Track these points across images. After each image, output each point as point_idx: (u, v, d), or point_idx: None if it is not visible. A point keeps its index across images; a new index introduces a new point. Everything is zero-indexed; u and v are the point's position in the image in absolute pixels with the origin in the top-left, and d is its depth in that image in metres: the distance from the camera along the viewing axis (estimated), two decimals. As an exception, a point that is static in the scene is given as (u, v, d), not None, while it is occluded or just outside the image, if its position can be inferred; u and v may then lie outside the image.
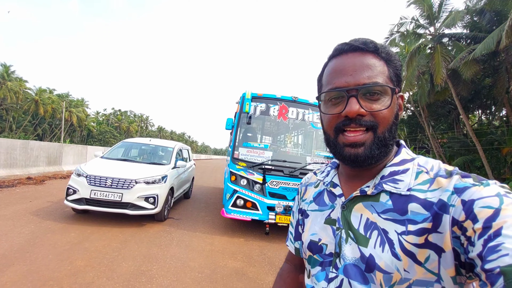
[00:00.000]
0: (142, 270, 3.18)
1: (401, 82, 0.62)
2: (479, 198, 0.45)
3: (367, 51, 0.58)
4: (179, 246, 4.10)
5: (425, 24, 16.11)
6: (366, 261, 0.55)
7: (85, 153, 13.17)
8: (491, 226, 0.42)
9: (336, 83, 0.58)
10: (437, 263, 0.49)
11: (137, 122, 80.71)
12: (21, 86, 43.21)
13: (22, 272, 2.83)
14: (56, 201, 5.94)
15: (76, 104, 56.16)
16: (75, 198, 4.63)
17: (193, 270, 3.36)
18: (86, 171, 4.78)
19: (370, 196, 0.59)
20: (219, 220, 5.88)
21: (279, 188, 4.99)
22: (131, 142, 6.81)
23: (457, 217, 0.47)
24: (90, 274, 2.95)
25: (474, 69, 12.68)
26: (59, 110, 48.46)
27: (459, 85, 14.72)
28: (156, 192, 4.92)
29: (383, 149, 0.57)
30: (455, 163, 16.64)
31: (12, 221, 4.34)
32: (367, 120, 0.56)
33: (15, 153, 8.78)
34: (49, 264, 3.07)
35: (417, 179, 0.56)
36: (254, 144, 5.28)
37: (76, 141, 55.15)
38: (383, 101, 0.56)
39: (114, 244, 3.86)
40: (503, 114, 18.19)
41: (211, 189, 10.72)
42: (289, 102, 5.39)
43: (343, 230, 0.60)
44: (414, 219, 0.52)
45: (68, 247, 3.58)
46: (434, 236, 0.49)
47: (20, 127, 46.00)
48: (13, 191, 6.62)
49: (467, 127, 15.11)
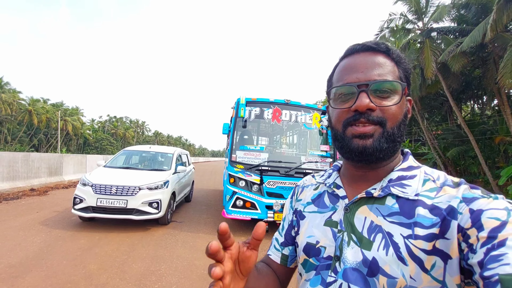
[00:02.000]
0: (151, 270, 3.42)
1: (410, 86, 0.63)
2: (488, 209, 0.45)
3: (378, 51, 0.59)
4: (184, 247, 4.34)
5: (414, 19, 16.38)
6: (369, 264, 0.53)
7: (84, 162, 13.34)
8: (497, 236, 0.42)
9: (347, 79, 0.59)
10: (442, 270, 0.48)
11: (133, 128, 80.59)
12: (14, 97, 43.10)
13: (40, 277, 3.05)
14: (62, 211, 6.15)
15: (71, 113, 56.02)
16: (82, 206, 4.85)
17: (199, 268, 3.61)
18: (92, 180, 5.00)
19: (376, 199, 0.58)
20: (220, 221, 6.05)
21: (276, 188, 5.24)
22: (132, 150, 7.04)
23: (463, 224, 0.47)
24: (103, 276, 3.19)
25: (462, 62, 12.97)
26: (54, 119, 48.39)
27: (449, 78, 15.01)
28: (159, 197, 5.16)
29: (391, 144, 0.57)
30: (449, 154, 16.98)
31: (23, 232, 4.55)
32: (376, 116, 0.55)
33: (17, 166, 8.95)
34: (64, 269, 3.30)
35: (424, 186, 0.56)
36: (251, 147, 5.52)
37: (72, 149, 55.04)
38: (393, 99, 0.56)
39: (122, 248, 4.09)
40: (495, 104, 18.56)
41: (211, 192, 10.95)
42: (282, 105, 5.64)
43: (346, 233, 0.59)
44: (421, 223, 0.51)
45: (79, 253, 3.81)
46: (441, 242, 0.49)
47: (15, 139, 45.83)
48: (19, 203, 6.81)
49: (459, 118, 15.43)
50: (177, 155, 7.03)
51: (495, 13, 9.98)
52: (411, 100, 0.63)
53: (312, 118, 5.70)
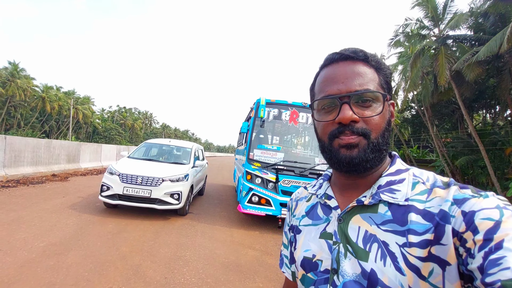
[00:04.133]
0: (178, 256, 3.73)
1: (392, 90, 0.63)
2: (479, 210, 0.45)
3: (357, 59, 0.59)
4: (203, 237, 4.64)
5: (430, 25, 16.29)
6: (368, 276, 0.52)
7: (99, 151, 13.79)
8: (493, 238, 0.42)
9: (329, 91, 0.59)
10: (441, 278, 0.47)
11: (141, 119, 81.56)
12: (28, 83, 44.11)
13: (80, 256, 3.38)
14: (86, 197, 6.52)
15: (82, 102, 57.01)
16: (109, 194, 5.19)
17: (220, 256, 3.91)
18: (119, 169, 5.33)
19: (368, 207, 0.58)
20: (234, 215, 6.42)
21: (290, 187, 5.49)
22: (153, 143, 7.38)
23: (457, 228, 0.46)
24: (136, 258, 3.51)
25: (477, 71, 12.92)
26: (66, 107, 49.36)
27: (463, 86, 14.96)
28: (180, 189, 5.47)
29: (377, 154, 0.57)
30: (458, 163, 16.95)
31: (55, 214, 4.91)
32: (359, 127, 0.56)
33: (40, 152, 9.38)
34: (100, 249, 3.63)
35: (414, 189, 0.55)
36: (268, 146, 5.78)
37: (81, 138, 56.11)
38: (375, 108, 0.57)
39: (148, 235, 4.41)
40: (508, 114, 18.41)
41: (221, 187, 11.29)
42: (299, 108, 5.88)
43: (341, 245, 0.58)
44: (415, 230, 0.51)
45: (110, 236, 4.14)
46: (437, 249, 0.48)
47: (28, 124, 46.96)
48: (45, 187, 7.21)
49: (469, 127, 15.40)
50: (195, 150, 7.34)
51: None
52: (393, 103, 0.64)
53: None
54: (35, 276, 2.82)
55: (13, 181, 7.34)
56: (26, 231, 3.98)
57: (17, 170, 8.01)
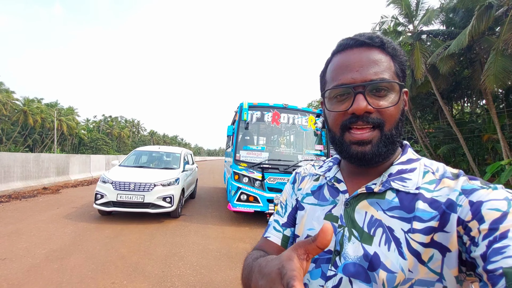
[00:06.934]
0: (173, 253, 4.03)
1: (406, 77, 0.60)
2: (487, 200, 0.45)
3: (373, 46, 0.57)
4: (197, 235, 4.95)
5: (404, 22, 16.98)
6: (370, 259, 0.53)
7: (88, 162, 13.82)
8: (498, 228, 0.42)
9: (342, 80, 0.57)
10: (440, 263, 0.48)
11: (128, 127, 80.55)
12: (8, 97, 43.03)
13: (82, 258, 3.64)
14: (80, 207, 6.70)
15: (66, 113, 55.97)
16: (103, 201, 5.42)
17: (212, 251, 4.23)
18: (111, 177, 5.57)
19: (376, 193, 0.58)
20: (225, 214, 6.74)
21: (276, 183, 5.86)
22: (143, 150, 7.63)
23: (463, 217, 0.46)
24: (134, 257, 3.79)
25: (450, 63, 13.62)
26: (49, 119, 48.36)
27: (439, 79, 15.66)
28: (172, 192, 5.75)
29: (390, 147, 0.56)
30: (440, 152, 17.74)
31: (52, 224, 5.11)
32: (374, 118, 0.55)
33: (29, 166, 9.44)
34: (100, 252, 3.89)
35: (424, 178, 0.56)
36: (253, 147, 6.14)
37: (67, 150, 55.04)
38: (390, 98, 0.55)
39: (144, 237, 4.69)
40: (484, 103, 19.33)
41: (212, 189, 11.58)
42: (280, 109, 6.27)
43: (346, 228, 0.59)
44: (421, 217, 0.51)
45: (108, 241, 4.39)
46: (440, 235, 0.49)
47: (10, 139, 45.77)
48: (37, 200, 7.34)
49: (447, 117, 16.16)
50: (184, 155, 7.62)
51: (475, 19, 10.69)
52: (407, 92, 0.60)
53: (307, 121, 6.34)
54: (42, 277, 3.07)
55: (5, 196, 7.43)
56: (26, 241, 4.20)
57: (7, 186, 8.09)
